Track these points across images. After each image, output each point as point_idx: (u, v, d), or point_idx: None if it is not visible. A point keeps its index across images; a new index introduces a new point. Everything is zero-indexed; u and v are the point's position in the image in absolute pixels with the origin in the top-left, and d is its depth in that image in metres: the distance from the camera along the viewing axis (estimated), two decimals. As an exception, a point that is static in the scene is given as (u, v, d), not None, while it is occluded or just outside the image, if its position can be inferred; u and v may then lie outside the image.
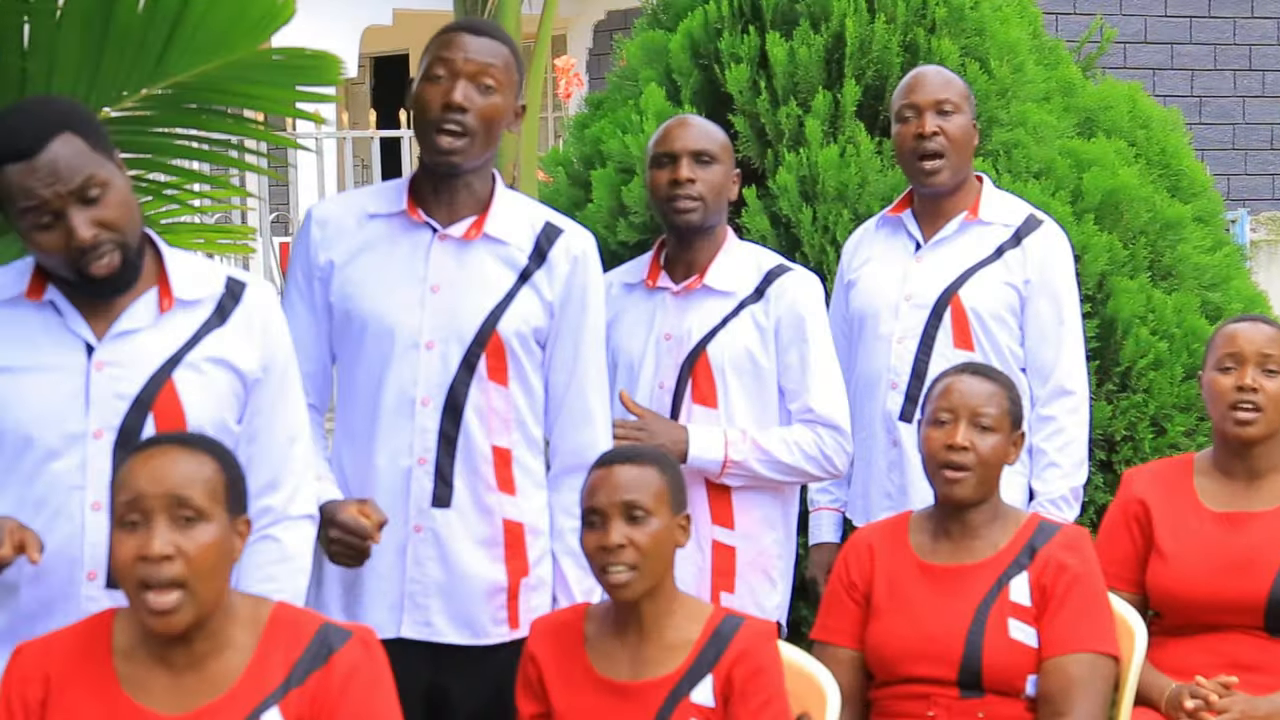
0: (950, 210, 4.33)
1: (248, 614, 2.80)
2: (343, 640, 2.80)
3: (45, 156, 2.90)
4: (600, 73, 13.58)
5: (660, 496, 3.28)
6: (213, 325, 3.06)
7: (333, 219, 3.56)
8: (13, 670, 2.78)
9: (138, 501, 2.68)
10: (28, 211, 2.91)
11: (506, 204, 3.56)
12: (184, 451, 2.74)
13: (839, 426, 3.99)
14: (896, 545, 3.74)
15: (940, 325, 4.24)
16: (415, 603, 3.51)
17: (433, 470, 3.48)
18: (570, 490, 3.57)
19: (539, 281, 3.52)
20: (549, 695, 3.34)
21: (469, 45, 3.43)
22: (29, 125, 2.94)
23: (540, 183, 5.82)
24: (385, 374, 3.48)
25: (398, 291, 3.49)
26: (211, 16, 3.60)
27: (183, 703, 2.74)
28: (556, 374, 3.57)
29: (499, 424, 3.51)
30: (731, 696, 3.24)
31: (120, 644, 2.78)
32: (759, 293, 3.99)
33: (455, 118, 3.40)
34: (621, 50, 5.79)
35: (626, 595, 3.26)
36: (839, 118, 5.20)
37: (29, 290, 3.01)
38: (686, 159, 3.95)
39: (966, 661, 3.58)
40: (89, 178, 2.92)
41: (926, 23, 5.31)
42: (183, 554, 2.66)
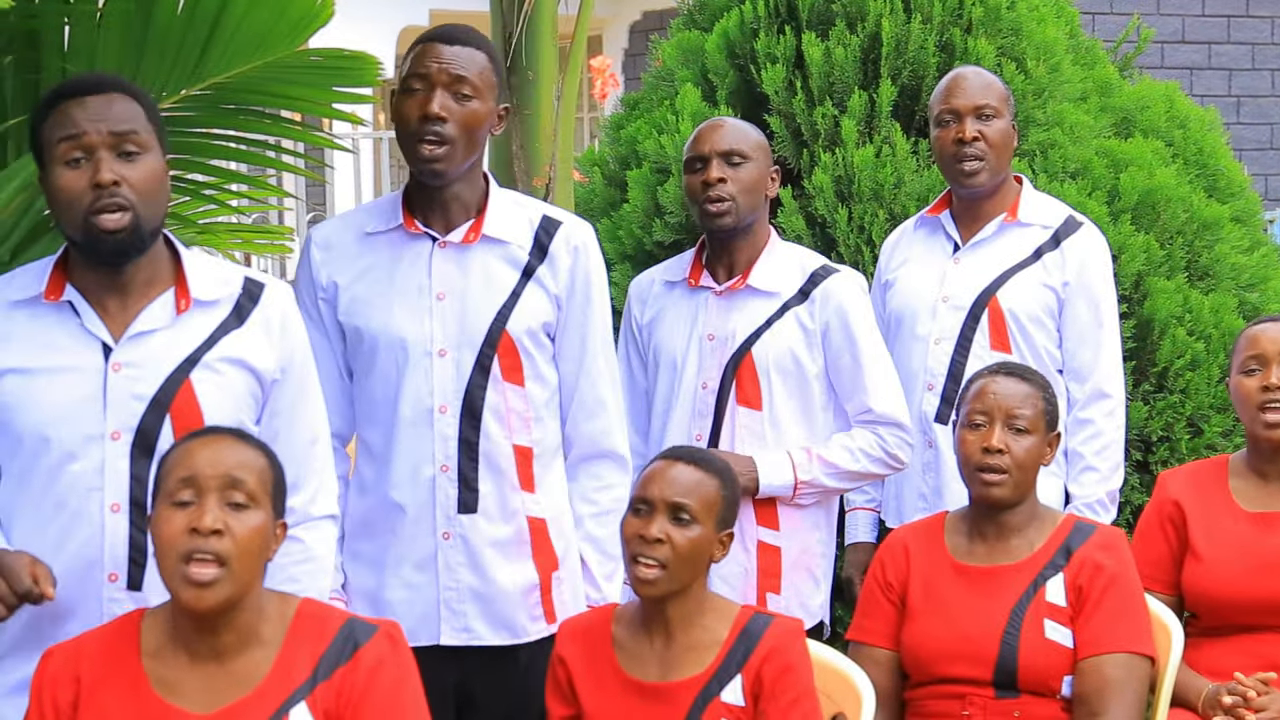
0: (989, 212, 4.32)
1: (274, 610, 2.82)
2: (368, 635, 2.82)
3: (101, 98, 2.96)
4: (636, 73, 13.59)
5: (710, 507, 3.29)
6: (230, 326, 3.07)
7: (333, 240, 3.58)
8: (43, 672, 2.80)
9: (193, 479, 2.71)
10: (64, 142, 2.93)
11: (502, 204, 3.57)
12: (240, 441, 2.79)
13: (899, 422, 4.01)
14: (932, 546, 3.74)
15: (978, 327, 4.23)
16: (452, 609, 3.52)
17: (456, 477, 3.49)
18: (589, 478, 3.60)
19: (543, 276, 3.54)
20: (579, 697, 3.34)
21: (443, 55, 3.44)
22: (96, 76, 3.04)
23: (576, 183, 5.83)
24: (401, 386, 3.49)
25: (404, 304, 3.50)
26: (250, 18, 3.61)
27: (212, 700, 2.75)
28: (566, 365, 3.59)
29: (518, 423, 3.52)
30: (761, 695, 3.24)
31: (149, 644, 2.79)
32: (804, 294, 4.00)
33: (434, 128, 3.41)
34: (657, 51, 5.79)
35: (650, 592, 3.26)
36: (875, 118, 5.20)
37: (47, 291, 3.02)
38: (716, 160, 3.96)
39: (1002, 662, 3.58)
40: (133, 131, 2.95)
41: (963, 23, 5.30)
42: (230, 532, 2.70)
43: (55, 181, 2.95)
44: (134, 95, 3.00)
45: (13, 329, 3.01)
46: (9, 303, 3.03)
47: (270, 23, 3.64)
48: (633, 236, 5.33)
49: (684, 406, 4.01)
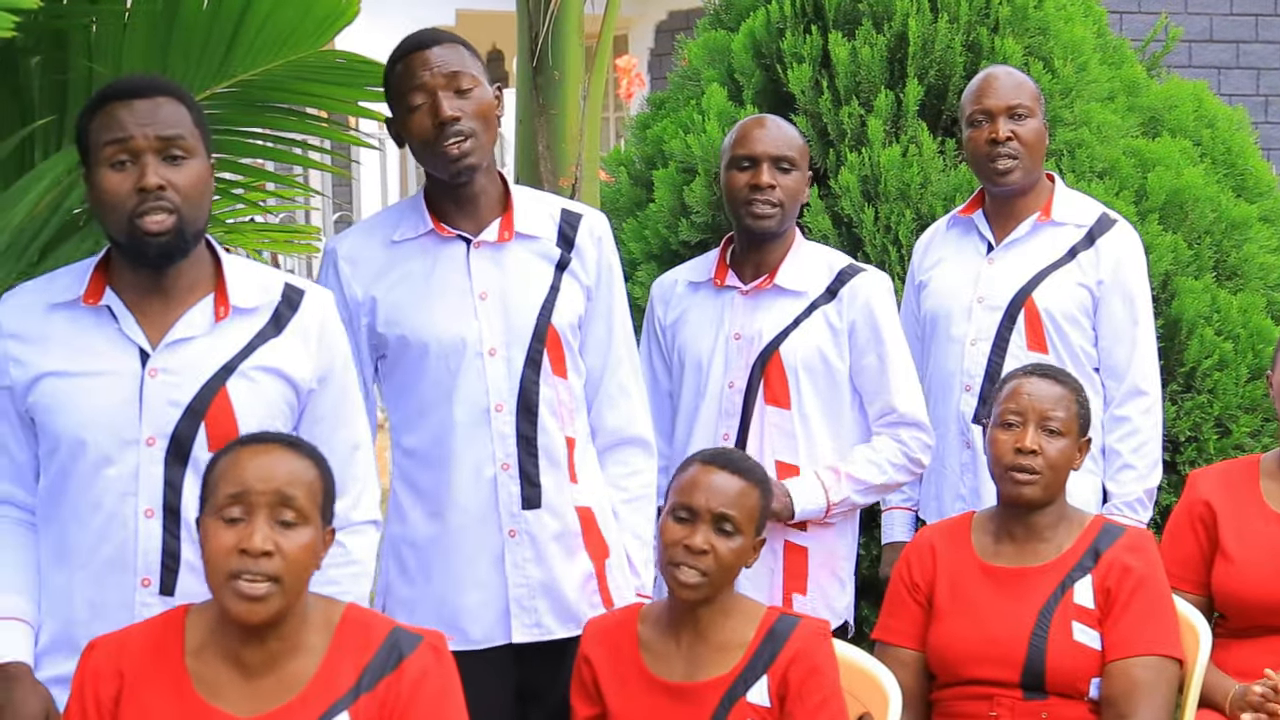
0: (1022, 211, 4.31)
1: (320, 616, 2.81)
2: (413, 645, 2.81)
3: (149, 102, 2.96)
4: (662, 73, 13.58)
5: (751, 516, 3.29)
6: (268, 334, 3.06)
7: (359, 253, 3.56)
8: (86, 664, 2.80)
9: (243, 495, 2.70)
10: (110, 145, 2.94)
11: (525, 200, 3.58)
12: (292, 452, 2.77)
13: (921, 423, 4.01)
14: (959, 546, 3.73)
15: (1014, 327, 4.22)
16: (523, 606, 3.52)
17: (518, 474, 3.49)
18: (617, 465, 3.61)
19: (575, 269, 3.55)
20: (604, 696, 3.34)
21: (431, 60, 3.43)
22: (146, 79, 3.04)
23: (602, 183, 5.83)
24: (454, 389, 3.49)
25: (448, 307, 3.50)
26: (275, 16, 3.62)
27: (254, 704, 2.75)
28: (593, 355, 3.60)
29: (567, 415, 3.54)
30: (788, 696, 3.24)
31: (192, 643, 2.79)
32: (831, 293, 3.99)
33: (454, 129, 3.41)
34: (683, 50, 5.79)
35: (690, 597, 3.26)
36: (901, 117, 5.19)
37: (86, 294, 3.02)
38: (767, 164, 3.94)
39: (1030, 663, 3.57)
40: (179, 135, 2.96)
41: (990, 22, 5.28)
42: (280, 552, 2.69)
43: (100, 183, 2.96)
44: (181, 99, 3.01)
45: (52, 331, 3.02)
46: (49, 305, 3.04)
47: (295, 21, 3.64)
48: (659, 236, 5.33)
49: (711, 406, 4.00)
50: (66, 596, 3.02)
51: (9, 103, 3.67)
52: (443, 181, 3.49)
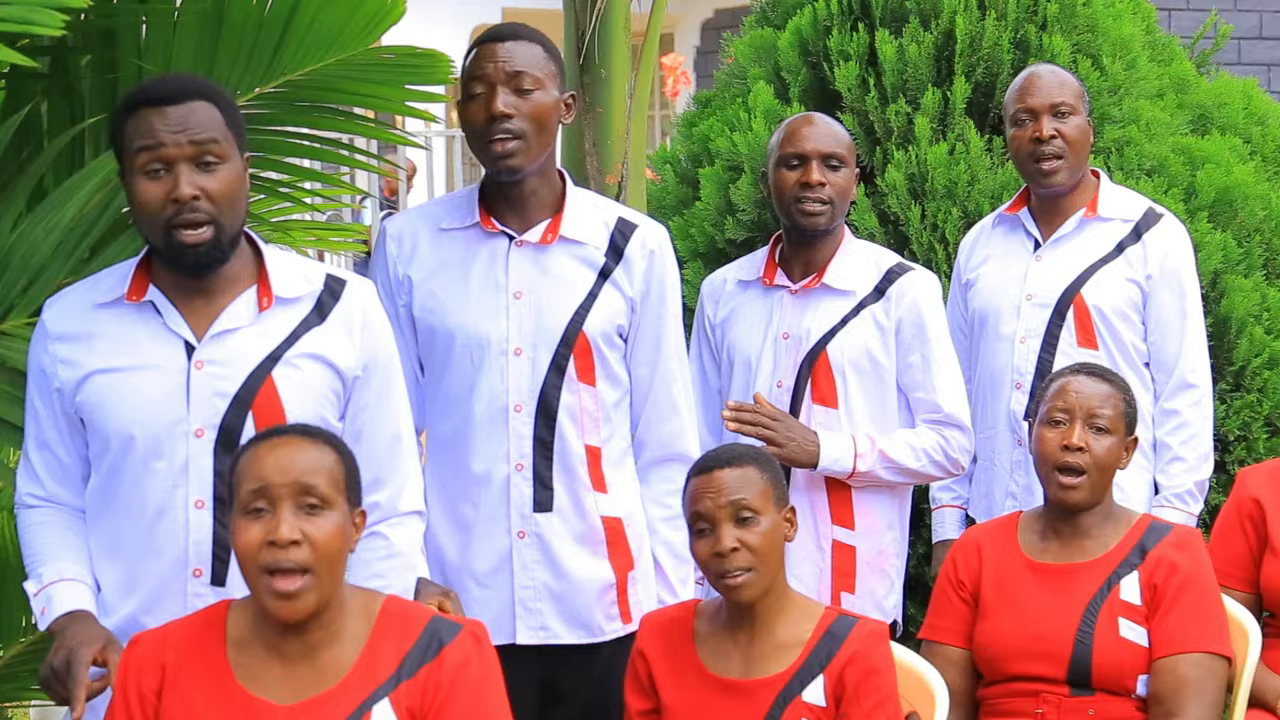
0: (1068, 208, 4.31)
1: (360, 606, 2.82)
2: (453, 634, 2.82)
3: (182, 108, 2.95)
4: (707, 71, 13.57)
5: (765, 495, 3.28)
6: (312, 323, 3.07)
7: (407, 233, 3.59)
8: (129, 659, 2.82)
9: (264, 490, 2.71)
10: (143, 152, 2.94)
11: (579, 204, 3.57)
12: (307, 441, 2.78)
13: (964, 425, 4.00)
14: (1005, 544, 3.72)
15: (1063, 324, 4.22)
16: (527, 608, 3.53)
17: (531, 475, 3.50)
18: (661, 481, 3.60)
19: (619, 278, 3.54)
20: (659, 692, 3.34)
21: (498, 53, 3.45)
22: (178, 81, 3.03)
23: (648, 181, 5.83)
24: (476, 384, 3.50)
25: (481, 301, 3.51)
26: (323, 15, 3.63)
27: (295, 693, 2.76)
28: (640, 368, 3.60)
29: (590, 423, 3.53)
30: (844, 697, 3.23)
31: (234, 635, 2.80)
32: (879, 292, 3.98)
33: (503, 126, 3.42)
34: (730, 48, 5.79)
35: (747, 597, 3.25)
36: (948, 115, 5.18)
37: (130, 292, 3.04)
38: (817, 162, 3.94)
39: (1076, 660, 3.56)
40: (212, 141, 2.96)
41: (1037, 19, 5.27)
42: (309, 540, 2.70)
43: (134, 189, 2.97)
44: (213, 99, 3.00)
45: (98, 330, 3.04)
46: (94, 305, 3.06)
47: (342, 20, 3.65)
48: (705, 234, 5.33)
49: (758, 405, 4.00)
50: (120, 590, 3.04)
51: (59, 102, 3.69)
52: (494, 177, 3.51)
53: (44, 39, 3.45)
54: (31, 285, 3.47)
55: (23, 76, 3.59)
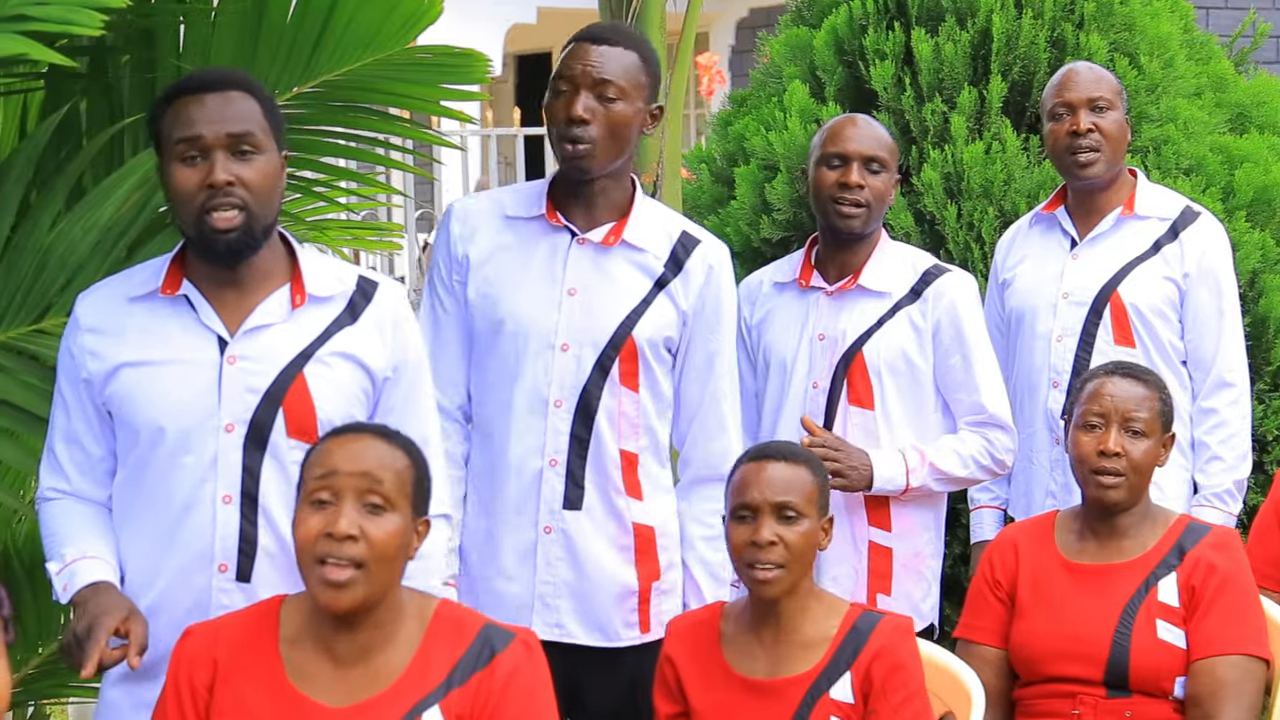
0: (1105, 206, 4.30)
1: (414, 610, 2.82)
2: (505, 642, 2.81)
3: (219, 97, 2.98)
4: (742, 70, 13.56)
5: (811, 498, 3.28)
6: (344, 322, 3.08)
7: (473, 215, 3.60)
8: (181, 651, 2.82)
9: (330, 479, 2.72)
10: (180, 142, 2.96)
11: (645, 212, 3.58)
12: (382, 441, 2.79)
13: (1007, 425, 3.99)
14: (1042, 544, 3.71)
15: (1100, 322, 4.21)
16: (545, 604, 3.53)
17: (564, 472, 3.50)
18: (703, 500, 3.58)
19: (674, 290, 3.54)
20: (687, 694, 3.34)
21: (589, 56, 3.46)
22: (218, 73, 3.06)
23: (683, 180, 5.83)
24: (519, 374, 3.51)
25: (534, 293, 3.52)
26: (360, 15, 3.64)
27: (346, 695, 2.76)
28: (689, 384, 3.59)
29: (628, 428, 3.53)
30: (871, 693, 3.23)
31: (287, 632, 2.80)
32: (915, 293, 3.97)
33: (577, 130, 3.43)
34: (765, 47, 5.79)
35: (771, 593, 3.25)
36: (984, 114, 5.17)
37: (164, 286, 3.06)
38: (858, 164, 3.93)
39: (1113, 662, 3.55)
40: (248, 132, 2.98)
41: (1074, 18, 5.26)
42: (366, 537, 2.70)
43: (171, 177, 2.99)
44: (252, 92, 3.03)
45: (130, 323, 3.05)
46: (128, 298, 3.07)
47: (380, 20, 3.66)
48: (740, 234, 5.33)
49: (794, 407, 3.99)
50: (145, 583, 3.05)
51: (98, 101, 3.71)
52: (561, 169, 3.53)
53: (83, 39, 3.47)
54: (69, 284, 3.49)
55: (62, 76, 3.61)
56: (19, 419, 3.41)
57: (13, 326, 3.47)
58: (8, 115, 3.78)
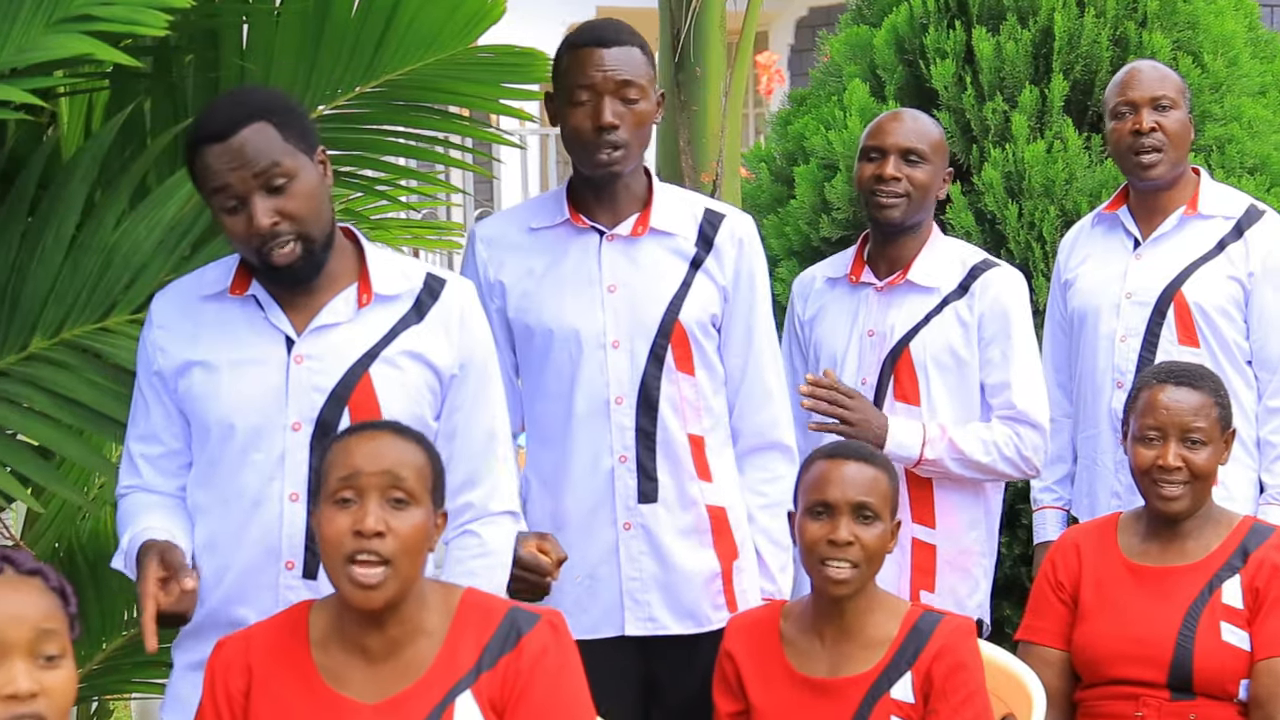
0: (1168, 205, 4.28)
1: (438, 600, 2.83)
2: (531, 623, 2.83)
3: (236, 140, 2.95)
4: (801, 69, 13.54)
5: (887, 500, 3.30)
6: (410, 321, 3.09)
7: (498, 237, 3.61)
8: (215, 662, 2.84)
9: (353, 479, 2.73)
10: (216, 193, 2.97)
11: (666, 197, 3.59)
12: (398, 437, 2.80)
13: (1040, 425, 3.96)
14: (1104, 546, 3.69)
15: (1164, 323, 4.19)
16: (635, 599, 3.54)
17: (635, 467, 3.51)
18: (756, 470, 3.60)
19: (710, 268, 3.55)
20: (747, 693, 3.34)
21: (605, 61, 3.46)
22: (226, 110, 3.01)
23: (742, 179, 5.83)
24: (575, 378, 3.52)
25: (576, 297, 3.53)
26: (423, 16, 3.66)
27: (379, 690, 2.78)
28: (732, 357, 3.60)
29: (691, 412, 3.54)
30: (931, 693, 3.23)
31: (316, 635, 2.82)
32: (963, 288, 3.97)
33: (610, 138, 3.44)
34: (825, 46, 5.78)
35: (843, 592, 3.25)
36: (1046, 113, 5.15)
37: (233, 286, 3.08)
38: (895, 156, 3.94)
39: (1177, 664, 3.53)
40: (274, 165, 2.96)
41: (1137, 16, 5.22)
42: (393, 532, 2.71)
43: (221, 221, 3.01)
44: (266, 117, 2.98)
45: (201, 323, 3.08)
46: (199, 298, 3.10)
47: (442, 20, 3.67)
48: (799, 233, 5.32)
49: (844, 402, 3.99)
50: (214, 580, 3.07)
51: (162, 101, 3.73)
52: (589, 176, 3.52)
53: (147, 39, 3.49)
54: (134, 283, 3.52)
55: (127, 76, 3.64)
56: (84, 417, 3.44)
57: (78, 325, 3.50)
58: (73, 115, 3.81)
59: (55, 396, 3.43)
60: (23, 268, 3.47)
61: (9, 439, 3.47)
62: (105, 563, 4.12)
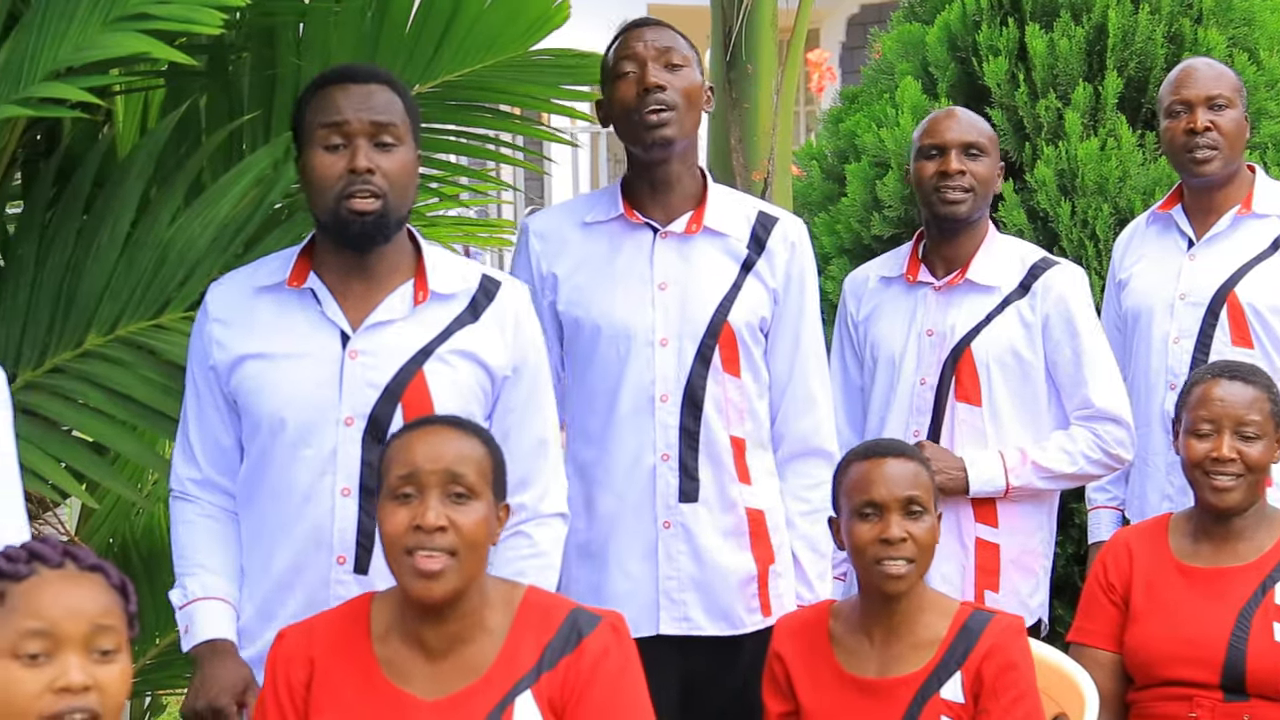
0: (1222, 204, 4.25)
1: (501, 598, 2.84)
2: (592, 625, 2.82)
3: (367, 89, 3.04)
4: (852, 66, 13.52)
5: (930, 493, 3.28)
6: (465, 320, 3.11)
7: (551, 230, 3.62)
8: (277, 652, 2.85)
9: (414, 475, 2.74)
10: (324, 126, 3.02)
11: (720, 197, 3.60)
12: (457, 431, 2.80)
13: (1120, 418, 3.95)
14: (1155, 547, 3.67)
15: (1217, 323, 4.16)
16: (671, 598, 3.54)
17: (677, 466, 3.51)
18: (798, 476, 3.60)
19: (761, 270, 3.56)
20: (796, 693, 3.33)
21: (645, 34, 3.50)
22: (364, 66, 3.15)
23: (794, 177, 5.81)
24: (622, 374, 3.52)
25: (626, 293, 3.53)
26: (484, 20, 3.67)
27: (440, 687, 2.78)
28: (778, 362, 3.60)
29: (734, 414, 3.54)
30: (982, 693, 3.21)
31: (378, 629, 2.83)
32: (1024, 287, 3.96)
33: (657, 97, 3.45)
34: (877, 43, 5.76)
35: (901, 588, 3.24)
36: (1099, 110, 5.12)
37: (291, 277, 3.10)
38: (956, 151, 3.93)
39: (1230, 665, 3.51)
40: (392, 124, 3.03)
41: (1192, 13, 5.20)
42: (455, 526, 2.72)
43: (312, 163, 3.04)
44: (396, 89, 3.09)
45: (257, 315, 3.10)
46: (255, 288, 3.12)
47: (504, 24, 3.69)
48: (850, 231, 5.31)
49: (902, 403, 3.98)
50: (265, 574, 3.09)
51: (219, 98, 3.76)
52: (641, 165, 3.54)
53: (203, 37, 3.52)
54: (188, 280, 3.54)
55: (182, 74, 3.66)
56: (138, 413, 3.47)
57: (132, 321, 3.53)
58: (129, 113, 3.84)
59: (110, 393, 3.46)
60: (78, 265, 3.50)
61: (64, 435, 3.50)
62: (159, 558, 4.15)
